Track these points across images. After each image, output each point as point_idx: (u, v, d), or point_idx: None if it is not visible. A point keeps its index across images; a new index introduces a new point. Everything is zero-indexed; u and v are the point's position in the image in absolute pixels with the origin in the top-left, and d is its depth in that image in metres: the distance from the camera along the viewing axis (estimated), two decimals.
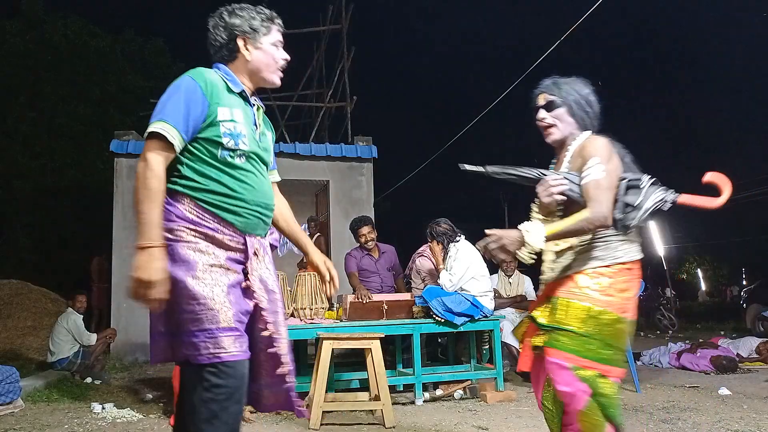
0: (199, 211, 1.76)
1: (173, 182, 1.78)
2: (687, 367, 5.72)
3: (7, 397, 4.16)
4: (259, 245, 1.88)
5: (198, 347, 1.68)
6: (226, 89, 1.87)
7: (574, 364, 2.04)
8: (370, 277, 5.33)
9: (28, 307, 7.74)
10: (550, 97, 2.24)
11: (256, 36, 1.94)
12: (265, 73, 1.97)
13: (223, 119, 1.80)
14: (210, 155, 1.79)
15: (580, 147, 2.17)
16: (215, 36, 1.94)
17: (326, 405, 3.71)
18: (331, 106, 10.81)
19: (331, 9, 10.79)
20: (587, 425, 2.06)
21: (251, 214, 1.84)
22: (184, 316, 1.70)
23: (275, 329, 1.84)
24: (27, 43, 13.39)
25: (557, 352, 2.08)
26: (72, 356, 5.77)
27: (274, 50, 1.97)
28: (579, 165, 2.12)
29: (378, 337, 3.84)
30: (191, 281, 1.70)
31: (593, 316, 2.06)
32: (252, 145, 1.87)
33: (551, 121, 2.24)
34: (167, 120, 1.72)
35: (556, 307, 2.12)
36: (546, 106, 2.25)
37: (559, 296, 2.13)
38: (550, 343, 2.10)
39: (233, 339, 1.71)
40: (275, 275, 1.95)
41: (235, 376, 1.70)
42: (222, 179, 1.79)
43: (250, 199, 1.83)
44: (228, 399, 1.69)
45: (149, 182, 1.68)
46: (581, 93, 2.25)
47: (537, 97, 2.29)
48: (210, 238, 1.76)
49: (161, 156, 1.72)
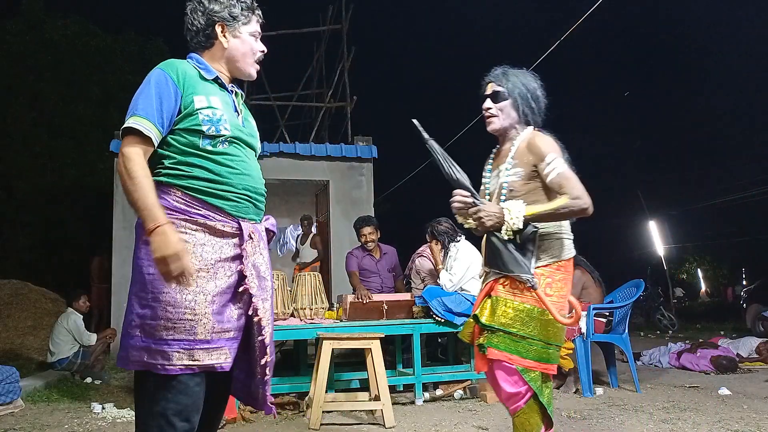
0: (188, 200, 1.74)
1: (158, 174, 1.75)
2: (687, 367, 5.72)
3: (7, 397, 4.16)
4: (253, 229, 1.84)
5: (170, 356, 1.64)
6: (200, 77, 1.83)
7: (520, 366, 2.08)
8: (370, 277, 5.33)
9: (28, 307, 7.73)
10: (497, 88, 2.26)
11: (234, 24, 1.90)
12: (242, 63, 1.93)
13: (201, 107, 1.77)
14: (192, 145, 1.77)
15: (527, 143, 2.20)
16: (192, 20, 1.90)
17: (326, 405, 3.71)
18: (331, 106, 10.81)
19: (331, 9, 10.79)
20: (525, 424, 2.13)
21: (241, 198, 1.81)
22: (159, 322, 1.65)
23: (263, 315, 1.80)
24: (27, 43, 13.37)
25: (500, 353, 2.10)
26: (72, 356, 5.77)
27: (252, 41, 1.94)
28: (528, 161, 2.16)
29: (378, 337, 3.84)
30: (174, 286, 1.65)
31: (535, 318, 2.09)
32: (234, 130, 1.83)
33: (494, 112, 2.26)
34: (140, 114, 1.70)
35: (497, 306, 2.13)
36: (492, 96, 2.27)
37: (499, 296, 2.14)
38: (493, 343, 2.12)
39: (208, 352, 1.68)
40: (268, 262, 1.91)
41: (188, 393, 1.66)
42: (207, 165, 1.77)
43: (237, 183, 1.81)
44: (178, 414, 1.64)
45: (132, 172, 1.65)
46: (528, 87, 2.27)
47: (486, 85, 2.31)
48: (203, 226, 1.73)
49: (139, 149, 1.69)
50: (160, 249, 1.58)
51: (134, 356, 1.67)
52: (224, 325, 1.72)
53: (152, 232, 1.60)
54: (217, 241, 1.74)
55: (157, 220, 1.60)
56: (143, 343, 1.66)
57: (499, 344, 2.11)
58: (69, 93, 13.67)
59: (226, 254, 1.75)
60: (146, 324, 1.66)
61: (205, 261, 1.71)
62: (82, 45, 13.93)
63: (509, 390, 2.13)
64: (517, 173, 2.19)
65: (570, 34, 6.89)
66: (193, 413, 1.68)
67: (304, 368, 4.75)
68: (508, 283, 2.14)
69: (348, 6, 10.55)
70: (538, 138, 2.18)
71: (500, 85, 2.26)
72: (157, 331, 1.65)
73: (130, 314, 1.70)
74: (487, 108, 2.27)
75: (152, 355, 1.65)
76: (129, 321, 1.70)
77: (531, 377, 2.10)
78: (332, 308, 4.78)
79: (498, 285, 2.17)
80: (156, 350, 1.64)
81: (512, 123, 2.26)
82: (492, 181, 2.31)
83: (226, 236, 1.77)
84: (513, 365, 2.09)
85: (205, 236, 1.73)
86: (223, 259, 1.74)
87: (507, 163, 2.22)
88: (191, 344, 1.66)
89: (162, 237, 1.59)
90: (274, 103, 10.77)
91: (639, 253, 21.33)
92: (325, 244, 8.23)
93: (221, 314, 1.72)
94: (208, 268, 1.71)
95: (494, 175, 2.31)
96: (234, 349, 1.75)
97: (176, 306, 1.65)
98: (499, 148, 2.35)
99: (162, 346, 1.64)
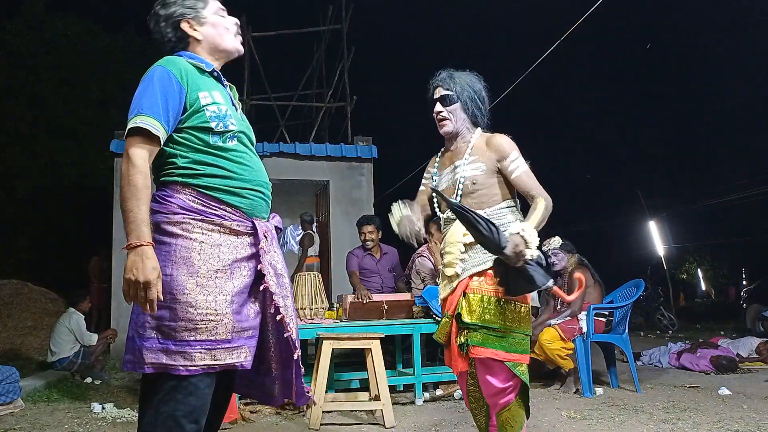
0: (203, 199, 1.71)
1: (170, 174, 1.73)
2: (687, 367, 5.72)
3: (7, 397, 4.16)
4: (266, 228, 1.83)
5: (192, 357, 1.62)
6: (199, 72, 1.81)
7: (508, 361, 2.13)
8: (370, 277, 5.34)
9: (28, 307, 7.74)
10: (445, 92, 2.35)
11: (196, 13, 1.87)
12: (224, 44, 1.91)
13: (207, 103, 1.76)
14: (202, 143, 1.74)
15: (486, 141, 2.29)
16: (161, 34, 1.88)
17: (326, 405, 3.71)
18: (331, 106, 10.81)
19: (331, 9, 10.80)
20: (514, 417, 2.17)
21: (255, 195, 1.80)
22: (179, 323, 1.63)
23: (286, 313, 1.80)
24: (27, 43, 13.37)
25: (486, 350, 2.13)
26: (72, 356, 5.77)
27: (220, 19, 1.91)
28: (489, 157, 2.26)
29: (378, 337, 3.84)
30: (193, 287, 1.64)
31: (513, 311, 2.17)
32: (240, 124, 1.83)
33: (446, 115, 2.34)
34: (146, 112, 1.65)
35: (478, 304, 2.16)
36: (441, 100, 2.35)
37: (477, 293, 2.18)
38: (476, 341, 2.15)
39: (229, 351, 1.68)
40: (283, 259, 1.90)
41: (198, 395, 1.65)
42: (220, 163, 1.74)
43: (251, 179, 1.79)
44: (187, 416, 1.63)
45: (133, 179, 1.60)
46: (475, 89, 2.36)
47: (434, 89, 2.39)
48: (219, 226, 1.71)
49: (145, 151, 1.65)
50: (132, 270, 1.55)
51: (150, 358, 1.62)
52: (243, 324, 1.72)
53: (132, 249, 1.56)
54: (232, 240, 1.73)
55: (141, 237, 1.57)
56: (161, 344, 1.62)
57: (485, 341, 2.13)
58: (69, 93, 13.67)
59: (242, 254, 1.74)
60: (164, 325, 1.63)
61: (222, 261, 1.69)
62: (82, 45, 13.93)
63: (499, 386, 2.15)
64: (479, 167, 2.27)
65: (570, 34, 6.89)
66: (202, 415, 1.68)
67: (304, 368, 4.74)
68: (482, 280, 2.18)
69: (348, 6, 10.56)
70: (499, 137, 2.29)
71: (448, 89, 2.34)
72: (178, 332, 1.62)
73: (142, 316, 1.64)
74: (438, 112, 2.36)
75: (172, 357, 1.62)
76: (141, 323, 1.64)
77: (521, 370, 2.15)
78: (332, 308, 4.78)
79: (472, 282, 2.20)
80: (176, 351, 1.62)
81: (463, 124, 2.36)
82: (444, 178, 2.38)
83: (241, 235, 1.75)
84: (503, 360, 2.13)
85: (221, 236, 1.71)
86: (239, 259, 1.73)
87: (464, 159, 2.30)
88: (213, 344, 1.64)
89: (139, 258, 1.55)
90: (274, 103, 10.77)
91: (639, 253, 21.33)
92: (325, 243, 8.21)
93: (240, 314, 1.71)
94: (226, 269, 1.70)
95: (447, 173, 2.39)
96: (253, 348, 1.76)
97: (197, 307, 1.63)
98: (446, 148, 2.44)
99: (184, 347, 1.62)
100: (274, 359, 1.87)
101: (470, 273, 2.21)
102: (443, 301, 2.36)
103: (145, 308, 1.58)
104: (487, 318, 2.14)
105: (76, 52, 13.83)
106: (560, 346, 4.55)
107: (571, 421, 3.65)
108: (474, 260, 2.22)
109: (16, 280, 8.41)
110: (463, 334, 2.18)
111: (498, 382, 2.15)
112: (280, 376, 1.88)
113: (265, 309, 1.81)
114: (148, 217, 1.62)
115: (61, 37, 13.72)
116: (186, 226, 1.68)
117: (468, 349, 2.16)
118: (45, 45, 13.56)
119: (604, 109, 33.11)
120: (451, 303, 2.26)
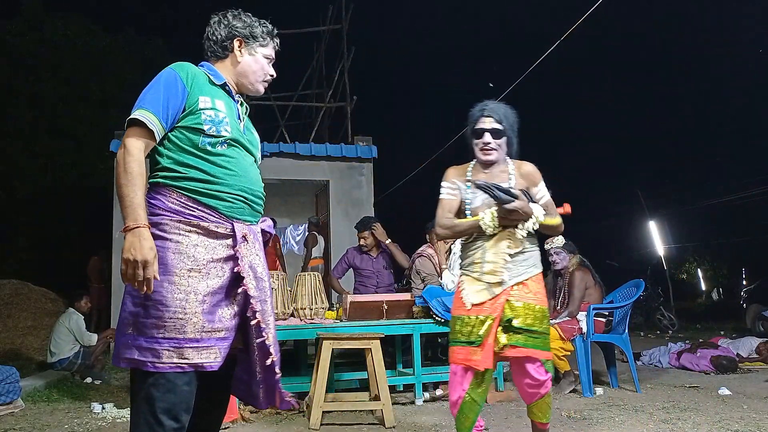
0: (182, 200, 1.77)
1: (155, 176, 1.80)
2: (687, 367, 5.72)
3: (7, 397, 4.16)
4: (248, 230, 1.86)
5: (159, 354, 1.66)
6: (209, 82, 1.90)
7: (543, 358, 2.50)
8: (367, 276, 5.37)
9: (28, 307, 7.74)
10: (498, 126, 2.54)
11: (252, 43, 1.99)
12: (251, 79, 2.01)
13: (204, 107, 1.83)
14: (190, 143, 1.81)
15: (520, 169, 2.58)
16: (214, 31, 1.98)
17: (326, 405, 3.71)
18: (331, 106, 10.81)
19: (331, 9, 10.80)
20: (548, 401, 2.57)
21: (236, 199, 1.84)
22: (150, 320, 1.68)
23: (262, 318, 1.82)
24: (27, 43, 13.38)
25: (527, 350, 2.46)
26: (72, 356, 5.77)
27: (264, 62, 2.02)
28: (521, 183, 2.55)
29: (378, 337, 3.84)
30: (165, 285, 1.69)
31: (546, 316, 2.53)
32: (235, 132, 1.88)
33: (494, 146, 2.55)
34: (146, 107, 1.75)
35: (524, 310, 2.46)
36: (493, 132, 2.54)
37: (524, 301, 2.48)
38: (520, 342, 2.45)
39: (198, 350, 1.69)
40: (265, 263, 1.93)
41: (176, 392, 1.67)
42: (202, 166, 1.80)
43: (232, 183, 1.84)
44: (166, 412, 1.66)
45: (129, 166, 1.70)
46: (515, 126, 2.61)
47: (484, 117, 2.56)
48: (197, 227, 1.75)
49: (141, 142, 1.74)
50: (130, 250, 1.63)
51: (125, 353, 1.70)
52: (215, 324, 1.74)
53: (130, 231, 1.64)
54: (210, 242, 1.77)
55: (137, 220, 1.66)
56: (135, 340, 1.69)
57: (527, 342, 2.45)
58: (69, 93, 13.68)
59: (218, 255, 1.78)
60: (138, 322, 1.70)
61: (197, 261, 1.74)
62: (82, 45, 13.94)
63: (541, 378, 2.49)
64: None
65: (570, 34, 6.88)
66: (182, 412, 1.70)
67: (304, 368, 4.75)
68: (520, 288, 2.49)
69: (348, 6, 10.56)
70: (528, 165, 2.60)
71: (500, 123, 2.54)
72: (148, 329, 1.68)
73: (124, 312, 1.73)
74: (488, 143, 2.54)
75: (142, 353, 1.68)
76: (122, 319, 1.73)
77: (550, 366, 2.60)
78: (332, 308, 4.78)
79: (513, 291, 2.49)
80: (146, 348, 1.67)
81: (502, 154, 2.59)
82: (480, 196, 2.55)
83: (220, 237, 1.79)
84: (540, 358, 2.48)
85: (199, 237, 1.76)
86: (215, 260, 1.77)
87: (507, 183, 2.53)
88: (180, 342, 1.68)
89: (136, 239, 1.63)
90: (274, 103, 10.77)
91: (639, 253, 21.32)
92: (324, 243, 8.21)
93: (212, 314, 1.74)
94: (200, 269, 1.74)
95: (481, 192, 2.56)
96: (225, 349, 1.76)
97: (167, 305, 1.68)
98: (477, 169, 2.62)
99: (152, 344, 1.67)
100: (258, 363, 1.87)
101: (513, 282, 2.49)
102: (476, 305, 2.50)
103: (142, 288, 1.65)
104: (529, 322, 2.45)
105: (76, 52, 13.83)
106: (559, 346, 4.56)
107: (571, 421, 3.65)
108: (515, 271, 2.49)
109: (16, 280, 8.41)
110: (508, 336, 2.45)
111: (539, 375, 2.49)
112: (263, 380, 1.89)
113: (246, 312, 1.83)
114: (144, 202, 1.71)
115: (60, 37, 13.72)
116: (164, 226, 1.74)
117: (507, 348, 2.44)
118: (45, 45, 13.56)
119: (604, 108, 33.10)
120: (493, 307, 2.48)
